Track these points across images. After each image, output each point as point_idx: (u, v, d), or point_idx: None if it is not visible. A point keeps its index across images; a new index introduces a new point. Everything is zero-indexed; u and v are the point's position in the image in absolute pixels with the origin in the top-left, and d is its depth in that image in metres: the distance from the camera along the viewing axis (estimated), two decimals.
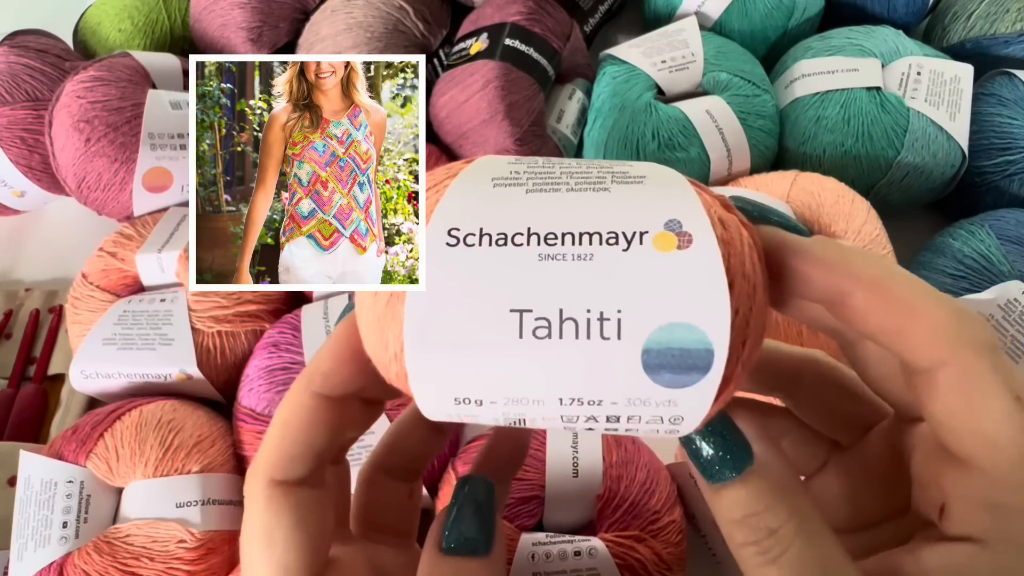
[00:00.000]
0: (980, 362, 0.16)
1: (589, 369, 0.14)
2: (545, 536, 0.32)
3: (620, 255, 0.14)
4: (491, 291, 0.14)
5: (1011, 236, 0.40)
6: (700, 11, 0.51)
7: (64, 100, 0.44)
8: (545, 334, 0.14)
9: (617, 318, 0.14)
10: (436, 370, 0.15)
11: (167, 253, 0.42)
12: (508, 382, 0.15)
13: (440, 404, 0.15)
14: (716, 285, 0.14)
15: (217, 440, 0.38)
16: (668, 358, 0.14)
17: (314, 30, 0.47)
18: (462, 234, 0.15)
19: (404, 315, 0.15)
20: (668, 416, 0.15)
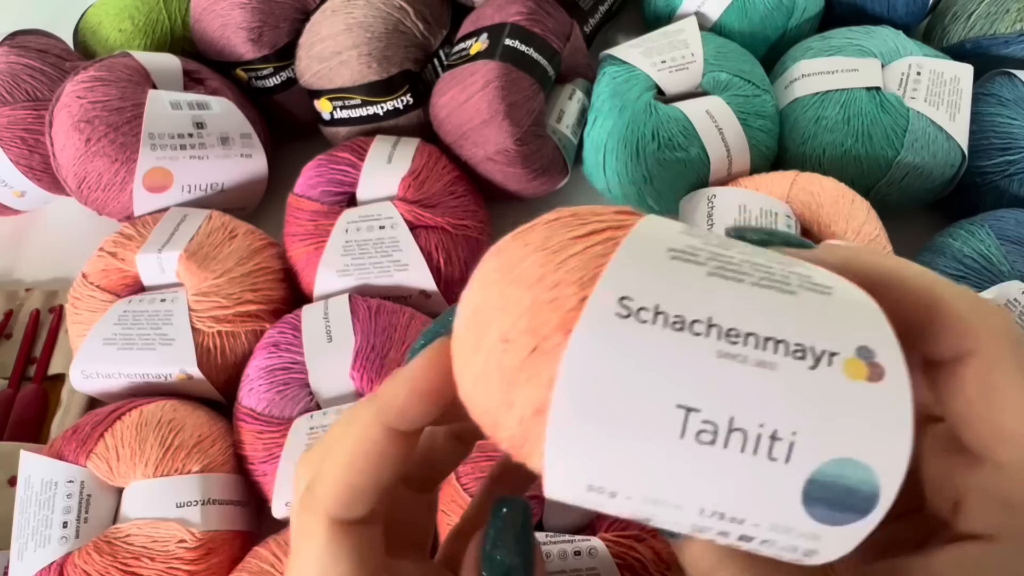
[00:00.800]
0: (1005, 354, 0.15)
1: (745, 487, 0.13)
2: (545, 536, 0.32)
3: (806, 373, 0.13)
4: (660, 379, 0.13)
5: (1011, 236, 0.40)
6: (700, 11, 0.51)
7: (64, 100, 0.44)
8: (710, 440, 0.13)
9: (791, 440, 0.13)
10: (580, 449, 0.13)
11: (167, 253, 0.42)
12: (654, 481, 0.13)
13: (570, 486, 0.14)
14: (902, 429, 0.13)
15: (217, 440, 0.38)
16: (832, 493, 0.13)
17: (314, 30, 0.47)
18: (635, 306, 0.13)
19: (558, 378, 0.13)
20: (804, 548, 0.14)
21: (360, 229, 0.42)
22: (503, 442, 0.14)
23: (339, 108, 0.48)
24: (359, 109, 0.47)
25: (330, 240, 0.42)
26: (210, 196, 0.48)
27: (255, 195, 0.51)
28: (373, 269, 0.42)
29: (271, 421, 0.37)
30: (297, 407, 0.37)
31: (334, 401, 0.37)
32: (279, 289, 0.43)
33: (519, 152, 0.44)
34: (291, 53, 0.49)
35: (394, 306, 0.40)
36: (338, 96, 0.47)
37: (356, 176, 0.45)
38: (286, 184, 0.47)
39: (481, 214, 0.46)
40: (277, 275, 0.44)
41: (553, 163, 0.47)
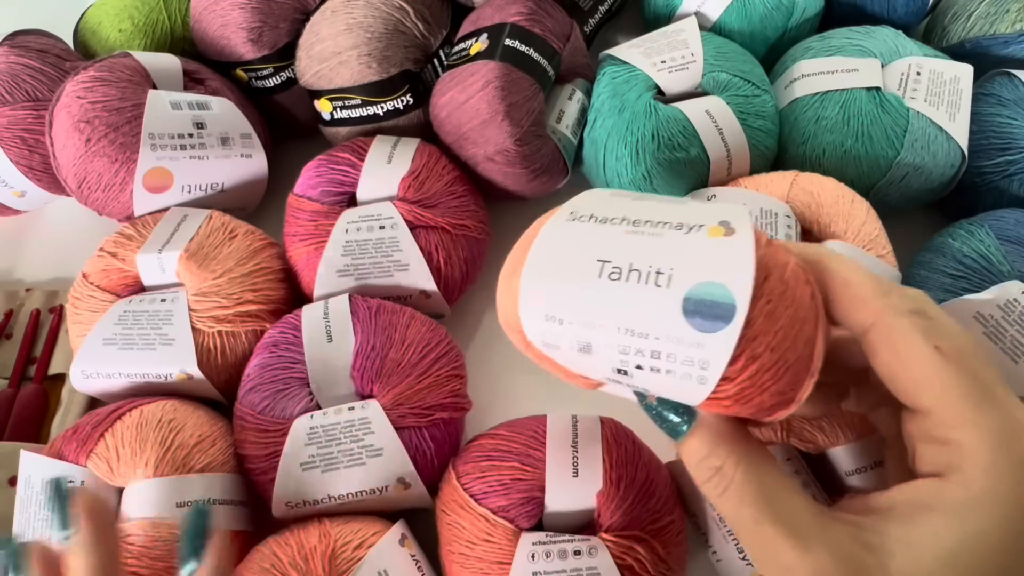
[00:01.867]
0: (899, 321, 0.20)
1: (643, 307, 0.19)
2: (545, 536, 0.32)
3: (681, 236, 0.20)
4: (588, 246, 0.21)
5: (1011, 236, 0.40)
6: (700, 11, 0.51)
7: (64, 100, 0.44)
8: (617, 278, 0.20)
9: (669, 273, 0.19)
10: (536, 292, 0.21)
11: (167, 253, 0.42)
12: (584, 308, 0.20)
13: (535, 318, 0.21)
14: (746, 259, 0.19)
15: (218, 440, 0.38)
16: (701, 306, 0.19)
17: (314, 31, 0.47)
18: (578, 214, 0.22)
19: (528, 254, 0.22)
20: (698, 359, 0.19)
21: (360, 229, 0.42)
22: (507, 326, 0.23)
23: (339, 108, 0.48)
24: (359, 109, 0.47)
25: (330, 240, 0.42)
26: (210, 196, 0.48)
27: (255, 195, 0.51)
28: (373, 269, 0.42)
29: (271, 421, 0.37)
30: (297, 407, 0.37)
31: (334, 401, 0.37)
32: (279, 289, 0.44)
33: (519, 152, 0.44)
34: (291, 53, 0.49)
35: (394, 306, 0.40)
36: (338, 96, 0.47)
37: (356, 176, 0.45)
38: (286, 184, 0.47)
39: (481, 214, 0.46)
40: (277, 275, 0.44)
41: (553, 163, 0.47)
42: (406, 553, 0.34)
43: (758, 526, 0.20)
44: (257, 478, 0.37)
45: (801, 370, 0.20)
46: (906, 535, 0.19)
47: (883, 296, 0.20)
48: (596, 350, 0.20)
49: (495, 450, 0.35)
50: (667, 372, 0.20)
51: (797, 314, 0.19)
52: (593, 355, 0.21)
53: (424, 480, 0.36)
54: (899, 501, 0.20)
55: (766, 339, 0.19)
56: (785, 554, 0.20)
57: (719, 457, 0.21)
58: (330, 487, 0.35)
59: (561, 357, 0.22)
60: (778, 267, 0.19)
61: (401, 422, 0.36)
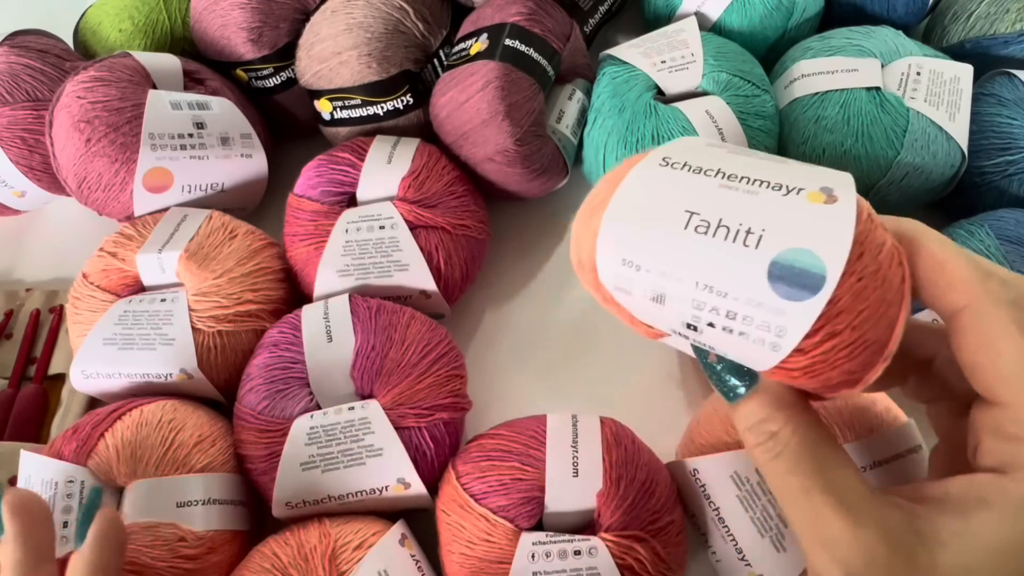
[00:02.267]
0: (996, 309, 0.19)
1: (727, 264, 0.19)
2: (545, 536, 0.32)
3: (779, 197, 0.19)
4: (675, 195, 0.20)
5: (1011, 236, 0.40)
6: (700, 11, 0.51)
7: (64, 100, 0.44)
8: (704, 231, 0.19)
9: (760, 234, 0.19)
10: (617, 234, 0.21)
11: (167, 253, 0.42)
12: (664, 257, 0.20)
13: (612, 263, 0.21)
14: (844, 232, 0.18)
15: (218, 440, 0.38)
16: (789, 272, 0.18)
17: (314, 31, 0.47)
18: (671, 160, 0.21)
19: (614, 194, 0.21)
20: (775, 325, 0.18)
21: (360, 229, 0.42)
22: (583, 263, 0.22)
23: (339, 108, 0.48)
24: (359, 109, 0.47)
25: (330, 240, 0.42)
26: (210, 196, 0.48)
27: (255, 195, 0.51)
28: (373, 269, 0.42)
29: (271, 421, 0.37)
30: (297, 407, 0.37)
31: (334, 401, 0.37)
32: (279, 289, 0.44)
33: (519, 152, 0.44)
34: (291, 53, 0.49)
35: (394, 306, 0.40)
36: (338, 96, 0.47)
37: (356, 176, 0.45)
38: (286, 184, 0.47)
39: (481, 214, 0.46)
40: (277, 275, 0.44)
41: (553, 163, 0.47)
42: (406, 553, 0.34)
43: (807, 495, 0.20)
44: (257, 478, 0.37)
45: (876, 352, 0.19)
46: (959, 527, 0.19)
47: (982, 280, 0.19)
48: (670, 301, 0.20)
49: (495, 450, 0.35)
50: (740, 334, 0.19)
51: (885, 296, 0.19)
52: (665, 306, 0.20)
53: (424, 480, 0.36)
54: (955, 492, 0.20)
55: (849, 317, 0.18)
56: (833, 526, 0.20)
57: (777, 422, 0.21)
58: (330, 487, 0.35)
59: (631, 303, 0.21)
60: (875, 246, 0.19)
61: (401, 422, 0.36)
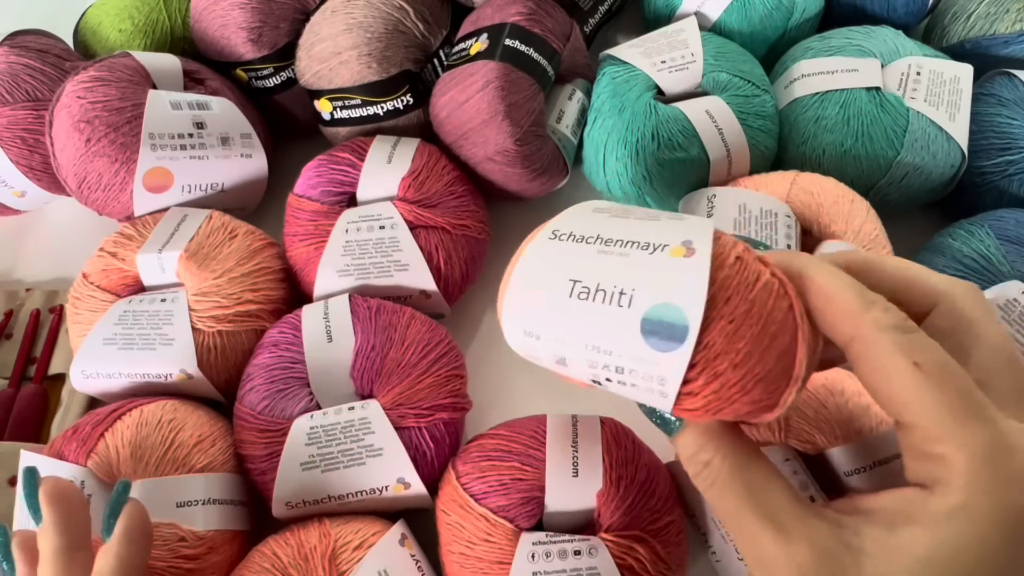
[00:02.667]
0: (879, 336, 0.20)
1: (607, 326, 0.21)
2: (545, 536, 0.32)
3: (646, 256, 0.21)
4: (562, 265, 0.22)
5: (1011, 236, 0.40)
6: (700, 11, 0.51)
7: (64, 100, 0.44)
8: (585, 297, 0.21)
9: (631, 294, 0.20)
10: (516, 309, 0.23)
11: (168, 253, 0.42)
12: (556, 325, 0.22)
13: (517, 336, 0.23)
14: (699, 283, 0.20)
15: (218, 440, 0.38)
16: (658, 327, 0.20)
17: (314, 31, 0.47)
18: (559, 233, 0.23)
19: (512, 272, 0.23)
20: (656, 376, 0.20)
21: (360, 229, 0.42)
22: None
23: (339, 108, 0.48)
24: (359, 109, 0.47)
25: (330, 240, 0.42)
26: (210, 196, 0.48)
27: (255, 195, 0.51)
28: (373, 269, 0.42)
29: (271, 421, 0.37)
30: (297, 407, 0.37)
31: (334, 401, 0.37)
32: (279, 289, 0.44)
33: (519, 152, 0.44)
34: (291, 53, 0.49)
35: (394, 306, 0.40)
36: (338, 96, 0.47)
37: (356, 176, 0.45)
38: (286, 184, 0.47)
39: (481, 214, 0.46)
40: (277, 275, 0.44)
41: (553, 163, 0.47)
42: (406, 553, 0.34)
43: (740, 518, 0.21)
44: (257, 478, 0.37)
45: (778, 379, 0.20)
46: (884, 539, 0.20)
47: (865, 310, 0.20)
48: (571, 364, 0.22)
49: (495, 450, 0.35)
50: (632, 385, 0.21)
51: (766, 330, 0.20)
52: (570, 367, 0.22)
53: (424, 480, 0.36)
54: (883, 506, 0.20)
55: (728, 357, 0.19)
56: (766, 545, 0.21)
57: (708, 452, 0.23)
58: (330, 487, 0.35)
59: (545, 366, 0.23)
60: (744, 286, 0.20)
61: (401, 422, 0.36)
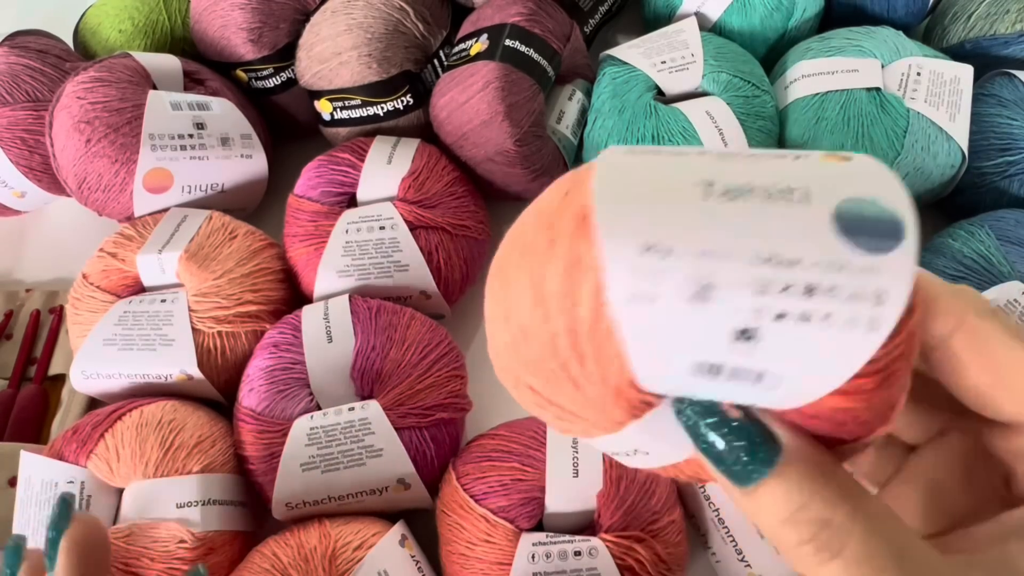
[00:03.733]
0: (989, 325, 0.16)
1: (784, 226, 0.14)
2: (545, 536, 0.32)
3: (791, 161, 0.15)
4: (675, 171, 0.15)
5: (1011, 236, 0.40)
6: (700, 12, 0.51)
7: (64, 101, 0.44)
8: (735, 197, 0.14)
9: (804, 189, 0.14)
10: (625, 220, 0.14)
11: (168, 254, 0.42)
12: (702, 231, 0.14)
13: (625, 256, 0.14)
14: (892, 179, 0.14)
15: (218, 440, 0.38)
16: (861, 223, 0.13)
17: (314, 31, 0.47)
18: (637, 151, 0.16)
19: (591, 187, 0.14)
20: (871, 289, 0.13)
21: (360, 230, 0.42)
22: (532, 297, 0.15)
23: (339, 109, 0.48)
24: (359, 110, 0.47)
25: (330, 241, 0.42)
26: (210, 197, 0.48)
27: (255, 196, 0.51)
28: (373, 270, 0.42)
29: (271, 421, 0.37)
30: (297, 407, 0.37)
31: (334, 401, 0.37)
32: (279, 290, 0.44)
33: (519, 153, 0.44)
34: (291, 54, 0.49)
35: (394, 306, 0.40)
36: (338, 97, 0.47)
37: (356, 177, 0.45)
38: (286, 184, 0.47)
39: (481, 214, 0.46)
40: (277, 276, 0.44)
41: (553, 163, 0.47)
42: (406, 554, 0.34)
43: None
44: (257, 478, 0.37)
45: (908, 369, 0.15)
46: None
47: (958, 296, 0.16)
48: (719, 294, 0.14)
49: (495, 450, 0.35)
50: (824, 319, 0.13)
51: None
52: (711, 304, 0.14)
53: (424, 480, 0.36)
54: (1014, 529, 0.16)
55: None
56: None
57: (828, 504, 0.14)
58: (330, 488, 0.35)
59: (651, 321, 0.14)
60: None
61: (401, 423, 0.36)
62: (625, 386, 0.15)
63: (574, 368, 0.15)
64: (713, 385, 0.14)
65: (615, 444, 0.17)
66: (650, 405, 0.15)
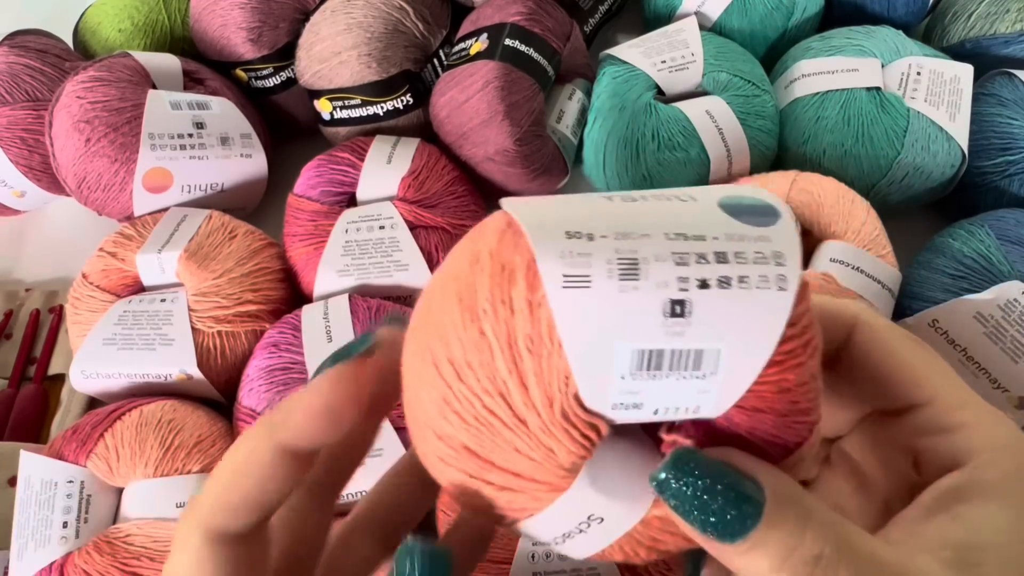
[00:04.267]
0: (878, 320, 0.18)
1: (682, 214, 0.15)
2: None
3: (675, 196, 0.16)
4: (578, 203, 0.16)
5: (1011, 236, 0.40)
6: (700, 11, 0.51)
7: (64, 100, 0.44)
8: (632, 200, 0.16)
9: (690, 195, 0.16)
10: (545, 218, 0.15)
11: (167, 253, 0.42)
12: (615, 219, 0.15)
13: (554, 245, 0.14)
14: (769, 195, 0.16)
15: (217, 440, 0.38)
16: (744, 207, 0.15)
17: (314, 30, 0.47)
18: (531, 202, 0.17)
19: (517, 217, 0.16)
20: (770, 251, 0.15)
21: (360, 229, 0.42)
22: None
23: (339, 108, 0.48)
24: (359, 109, 0.47)
25: (330, 240, 0.42)
26: (210, 196, 0.48)
27: (255, 195, 0.51)
28: (373, 269, 0.42)
29: None
30: None
31: None
32: (279, 289, 0.43)
33: (519, 152, 0.44)
34: (291, 53, 0.49)
35: (394, 306, 0.40)
36: (338, 96, 0.47)
37: (356, 176, 0.44)
38: (286, 184, 0.47)
39: (481, 214, 0.46)
40: (277, 275, 0.44)
41: (553, 163, 0.47)
42: None
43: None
44: None
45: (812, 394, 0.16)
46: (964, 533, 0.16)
47: (848, 304, 0.19)
48: (646, 268, 0.14)
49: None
50: (740, 282, 0.14)
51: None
52: (641, 280, 0.14)
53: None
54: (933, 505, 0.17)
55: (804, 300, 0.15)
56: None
57: (815, 539, 0.14)
58: None
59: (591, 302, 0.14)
60: None
61: (402, 422, 0.36)
62: (570, 405, 0.15)
63: (515, 394, 0.14)
64: (657, 386, 0.14)
65: (564, 517, 0.16)
66: (598, 434, 0.15)
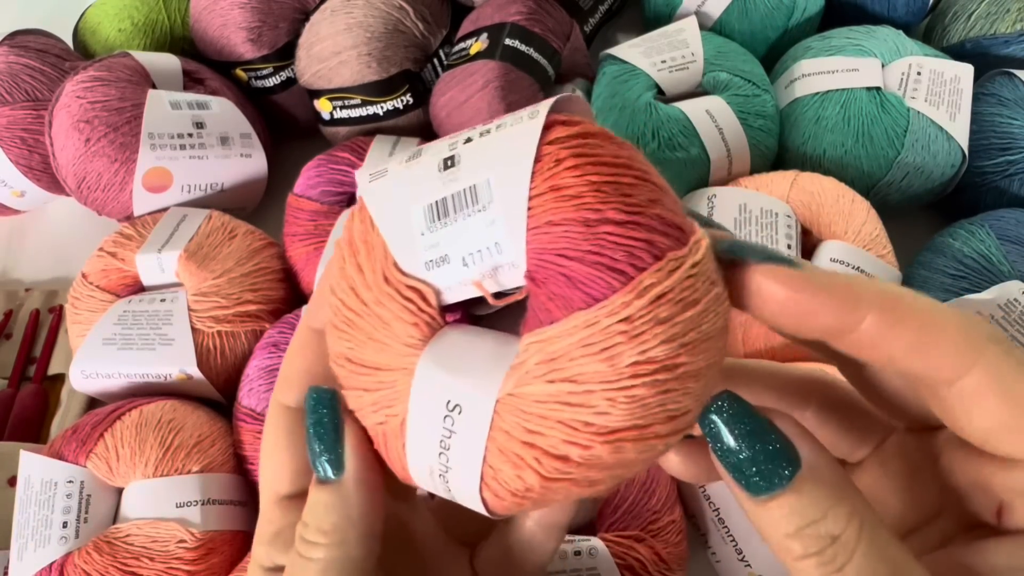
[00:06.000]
0: (1005, 361, 0.15)
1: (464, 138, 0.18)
2: None
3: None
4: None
5: (1011, 236, 0.40)
6: (700, 11, 0.51)
7: (64, 100, 0.44)
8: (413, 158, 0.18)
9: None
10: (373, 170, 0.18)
11: (167, 253, 0.42)
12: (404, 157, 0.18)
13: (366, 172, 0.18)
14: None
15: (217, 440, 0.38)
16: None
17: (314, 30, 0.47)
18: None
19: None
20: (527, 112, 0.17)
21: None
22: None
23: (339, 108, 0.48)
24: (359, 109, 0.47)
25: (330, 240, 0.42)
26: (210, 196, 0.48)
27: (255, 195, 0.51)
28: None
29: None
30: None
31: None
32: (279, 289, 0.43)
33: None
34: (291, 53, 0.49)
35: None
36: (338, 96, 0.47)
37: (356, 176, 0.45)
38: (286, 184, 0.47)
39: None
40: (277, 275, 0.44)
41: None
42: None
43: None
44: (257, 478, 0.37)
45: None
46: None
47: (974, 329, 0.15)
48: (426, 151, 0.18)
49: None
50: (498, 128, 0.17)
51: None
52: (420, 156, 0.18)
53: None
54: (1003, 565, 0.16)
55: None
56: None
57: (839, 521, 0.14)
58: None
59: (387, 183, 0.17)
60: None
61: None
62: (391, 272, 0.17)
63: (357, 281, 0.17)
64: (452, 232, 0.16)
65: (428, 417, 0.16)
66: (424, 300, 0.16)
